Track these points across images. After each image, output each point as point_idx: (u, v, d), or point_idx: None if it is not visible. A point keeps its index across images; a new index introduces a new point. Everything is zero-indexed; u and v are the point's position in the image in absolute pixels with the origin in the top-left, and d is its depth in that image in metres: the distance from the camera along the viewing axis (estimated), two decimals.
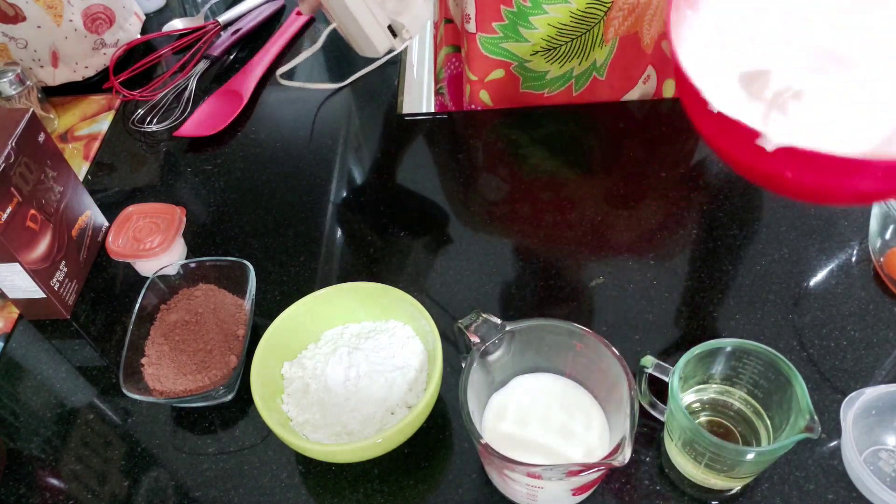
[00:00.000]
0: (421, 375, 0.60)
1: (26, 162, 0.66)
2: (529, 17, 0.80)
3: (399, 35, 0.75)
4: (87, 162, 0.89)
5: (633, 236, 0.73)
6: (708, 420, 0.57)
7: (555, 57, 0.84)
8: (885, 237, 0.65)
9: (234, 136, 0.89)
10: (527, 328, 0.55)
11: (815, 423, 0.48)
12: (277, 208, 0.81)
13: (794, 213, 0.73)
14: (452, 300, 0.70)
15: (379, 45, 0.74)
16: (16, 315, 0.73)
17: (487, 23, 0.82)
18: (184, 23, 1.07)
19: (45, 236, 0.69)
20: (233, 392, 0.64)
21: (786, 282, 0.68)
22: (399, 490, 0.58)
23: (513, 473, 0.50)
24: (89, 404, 0.66)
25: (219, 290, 0.70)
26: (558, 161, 0.82)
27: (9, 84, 0.86)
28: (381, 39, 0.74)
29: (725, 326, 0.65)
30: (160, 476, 0.61)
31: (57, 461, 0.62)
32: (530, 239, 0.74)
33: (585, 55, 0.83)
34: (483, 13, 0.82)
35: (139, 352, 0.65)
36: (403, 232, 0.76)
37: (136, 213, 0.74)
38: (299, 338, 0.63)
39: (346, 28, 0.74)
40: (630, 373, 0.51)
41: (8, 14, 0.90)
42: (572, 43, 0.82)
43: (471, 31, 0.84)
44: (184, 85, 0.96)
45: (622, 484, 0.56)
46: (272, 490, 0.59)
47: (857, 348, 0.62)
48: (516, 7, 0.80)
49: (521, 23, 0.81)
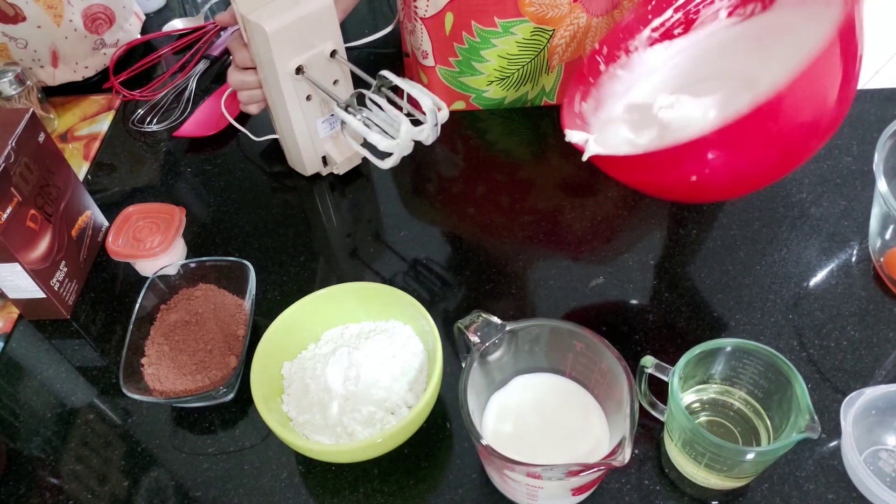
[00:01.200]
0: (421, 375, 0.60)
1: (26, 162, 0.66)
2: (480, 52, 0.83)
3: (329, 165, 0.81)
4: (87, 162, 0.89)
5: (632, 236, 0.73)
6: (708, 420, 0.57)
7: (509, 84, 0.87)
8: (885, 237, 0.65)
9: (234, 136, 0.89)
10: (527, 328, 0.55)
11: (815, 423, 0.48)
12: (277, 208, 0.81)
13: (794, 213, 0.73)
14: (452, 300, 0.70)
15: (309, 167, 0.81)
16: (16, 315, 0.73)
17: (444, 58, 0.85)
18: (184, 23, 1.07)
19: (45, 236, 0.69)
20: (233, 392, 0.64)
21: (786, 282, 0.68)
22: (399, 490, 0.58)
23: (513, 473, 0.50)
24: (89, 404, 0.66)
25: (219, 290, 0.70)
26: (557, 161, 0.82)
27: (9, 84, 0.86)
28: (312, 163, 0.80)
29: (725, 326, 0.65)
30: (160, 476, 0.60)
31: (57, 461, 0.62)
32: (530, 239, 0.74)
33: (535, 81, 0.87)
34: (439, 50, 0.85)
35: (139, 352, 0.65)
36: (403, 232, 0.76)
37: (136, 213, 0.74)
38: (299, 338, 0.63)
39: (284, 140, 0.80)
40: (630, 373, 0.51)
41: (8, 14, 0.90)
42: (522, 69, 0.85)
43: (429, 66, 0.87)
44: (184, 85, 0.96)
45: (622, 484, 0.56)
46: (272, 490, 0.59)
47: (857, 348, 0.62)
48: (467, 44, 0.83)
49: (474, 57, 0.84)
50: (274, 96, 0.74)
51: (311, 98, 0.74)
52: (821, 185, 0.75)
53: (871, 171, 0.62)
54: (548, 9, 0.78)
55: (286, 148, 0.81)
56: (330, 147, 0.79)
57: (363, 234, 0.77)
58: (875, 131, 0.78)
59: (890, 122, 0.64)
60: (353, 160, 0.81)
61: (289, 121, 0.75)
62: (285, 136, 0.79)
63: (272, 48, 0.68)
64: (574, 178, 0.79)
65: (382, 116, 0.68)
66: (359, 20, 1.04)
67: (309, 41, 0.70)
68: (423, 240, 0.76)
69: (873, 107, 0.82)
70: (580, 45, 0.84)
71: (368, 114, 0.69)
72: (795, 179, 0.76)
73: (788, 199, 0.74)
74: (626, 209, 0.75)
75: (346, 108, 0.69)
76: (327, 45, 0.72)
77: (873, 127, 0.80)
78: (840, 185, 0.75)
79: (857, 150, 0.78)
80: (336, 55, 0.72)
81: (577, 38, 0.83)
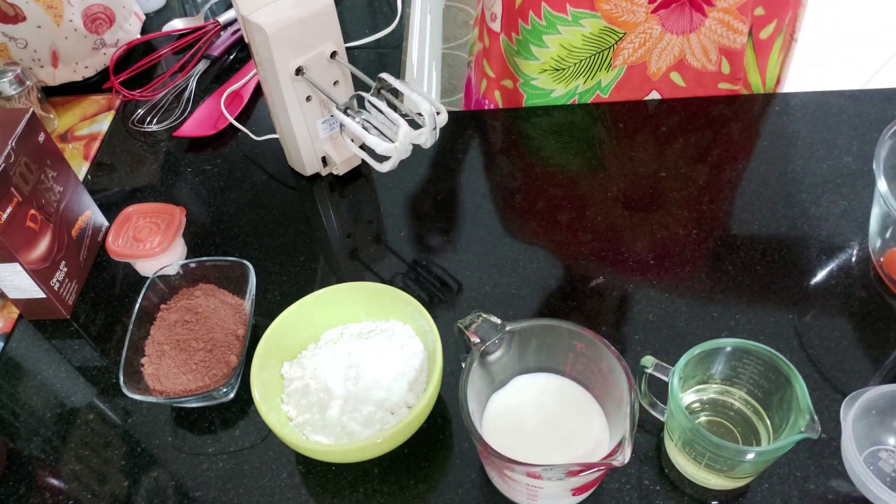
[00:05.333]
0: (421, 375, 0.60)
1: (26, 162, 0.66)
2: (543, 36, 0.81)
3: (328, 165, 0.81)
4: (87, 162, 0.89)
5: (632, 236, 0.73)
6: (708, 420, 0.57)
7: (561, 77, 0.86)
8: (885, 237, 0.65)
9: (234, 136, 0.89)
10: (527, 328, 0.55)
11: (815, 423, 0.48)
12: (277, 208, 0.81)
13: (794, 213, 0.73)
14: (452, 300, 0.70)
15: (308, 167, 0.81)
16: (16, 315, 0.73)
17: (509, 30, 0.84)
18: (184, 23, 1.07)
19: (45, 236, 0.69)
20: (233, 392, 0.64)
21: (786, 282, 0.68)
22: (399, 490, 0.58)
23: (513, 473, 0.50)
24: (89, 404, 0.66)
25: (219, 290, 0.70)
26: (557, 161, 0.82)
27: (9, 84, 0.86)
28: (311, 164, 0.80)
29: (725, 326, 0.65)
30: (160, 476, 0.61)
31: (57, 461, 0.62)
32: (530, 239, 0.74)
33: (591, 75, 0.85)
34: (507, 18, 0.83)
35: (139, 352, 0.65)
36: (403, 231, 0.76)
37: (136, 213, 0.74)
38: (299, 338, 0.63)
39: (284, 140, 0.80)
40: (630, 373, 0.51)
41: (8, 14, 0.90)
42: (580, 63, 0.83)
43: (495, 30, 0.85)
44: (184, 85, 0.96)
45: (622, 484, 0.56)
46: (272, 490, 0.59)
47: (857, 348, 0.62)
48: (531, 24, 0.81)
49: (534, 41, 0.82)
50: (274, 96, 0.74)
51: (310, 99, 0.74)
52: (821, 185, 0.75)
53: (871, 171, 0.62)
54: (623, 11, 0.77)
55: (286, 148, 0.81)
56: (329, 148, 0.79)
57: (363, 235, 0.77)
58: (875, 131, 0.78)
59: (890, 122, 0.64)
60: (352, 161, 0.81)
61: (289, 121, 0.75)
62: (285, 137, 0.79)
63: (272, 49, 0.68)
64: (574, 178, 0.79)
65: (381, 119, 0.68)
66: (359, 20, 1.04)
67: (309, 42, 0.70)
68: (423, 240, 0.76)
69: (873, 107, 0.82)
70: (648, 52, 0.82)
71: (367, 116, 0.69)
72: (795, 179, 0.76)
73: (788, 199, 0.74)
74: (626, 209, 0.75)
75: (345, 110, 0.70)
76: (328, 47, 0.72)
77: (873, 127, 0.80)
78: (840, 185, 0.75)
79: (857, 150, 0.78)
80: (336, 56, 0.72)
81: (647, 47, 0.82)
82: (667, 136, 0.82)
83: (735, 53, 0.82)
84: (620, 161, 0.80)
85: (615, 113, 0.85)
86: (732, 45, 0.81)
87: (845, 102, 0.83)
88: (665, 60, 0.83)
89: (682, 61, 0.83)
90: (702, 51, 0.82)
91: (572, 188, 0.78)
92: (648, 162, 0.80)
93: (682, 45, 0.82)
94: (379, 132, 0.68)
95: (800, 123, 0.82)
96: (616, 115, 0.85)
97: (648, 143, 0.82)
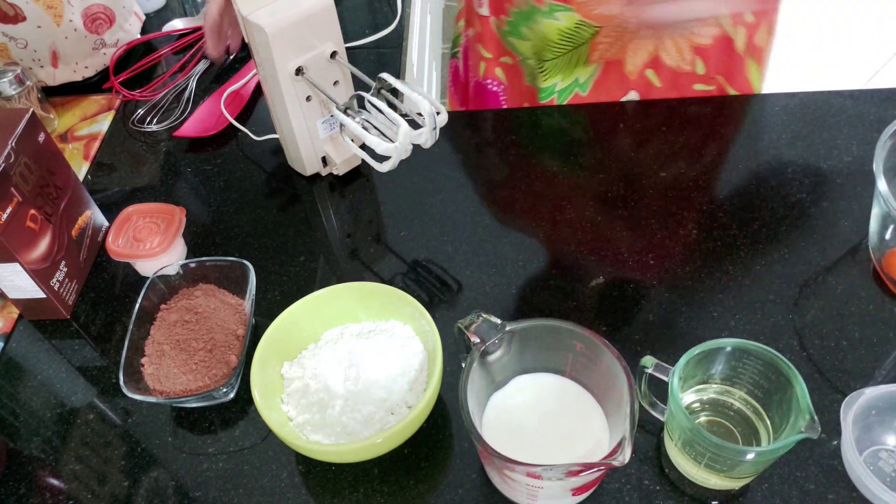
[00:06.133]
0: (421, 375, 0.60)
1: (26, 162, 0.66)
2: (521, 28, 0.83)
3: (328, 165, 0.82)
4: (87, 162, 0.89)
5: (632, 236, 0.73)
6: (708, 420, 0.57)
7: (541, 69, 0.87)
8: (885, 237, 0.65)
9: (234, 136, 0.89)
10: (527, 328, 0.55)
11: (815, 423, 0.48)
12: (277, 208, 0.81)
13: (794, 213, 0.73)
14: (452, 300, 0.70)
15: (308, 167, 0.81)
16: (16, 315, 0.73)
17: (497, 11, 0.85)
18: (184, 23, 1.07)
19: (45, 236, 0.69)
20: (233, 392, 0.64)
21: (786, 282, 0.68)
22: (399, 490, 0.58)
23: (513, 473, 0.50)
24: (89, 404, 0.66)
25: (219, 290, 0.70)
26: (557, 161, 0.82)
27: (9, 84, 0.86)
28: (311, 164, 0.81)
29: (725, 326, 0.65)
30: (160, 476, 0.61)
31: (57, 461, 0.62)
32: (530, 239, 0.74)
33: (569, 72, 0.86)
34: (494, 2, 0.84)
35: (139, 352, 0.65)
36: (403, 231, 0.76)
37: (136, 213, 0.74)
38: (299, 338, 0.63)
39: (284, 140, 0.80)
40: (630, 373, 0.51)
41: (8, 14, 0.90)
42: (558, 60, 0.85)
43: (483, 14, 0.86)
44: (184, 85, 0.96)
45: (622, 484, 0.56)
46: (272, 490, 0.59)
47: (857, 348, 0.62)
48: (516, 6, 0.82)
49: (524, 23, 0.83)
50: (274, 96, 0.74)
51: (310, 99, 0.74)
52: (821, 185, 0.75)
53: (871, 171, 0.62)
54: (597, 4, 0.78)
55: (286, 148, 0.81)
56: (329, 148, 0.79)
57: (363, 235, 0.77)
58: (875, 131, 0.78)
59: (890, 122, 0.64)
60: (352, 161, 0.81)
61: (288, 121, 0.75)
62: (285, 136, 0.79)
63: (272, 49, 0.68)
64: (575, 178, 0.79)
65: (381, 119, 0.68)
66: (359, 20, 1.04)
67: (309, 42, 0.70)
68: (423, 240, 0.76)
69: (873, 107, 0.82)
70: (623, 48, 0.83)
71: (367, 116, 0.69)
72: (796, 179, 0.76)
73: (788, 199, 0.74)
74: (626, 209, 0.75)
75: (345, 110, 0.69)
76: (327, 47, 0.72)
77: (873, 127, 0.80)
78: (840, 185, 0.75)
79: (857, 150, 0.78)
80: (336, 56, 0.72)
81: (623, 41, 0.82)
82: (667, 136, 0.82)
83: (708, 53, 0.83)
84: (619, 161, 0.80)
85: (615, 113, 0.85)
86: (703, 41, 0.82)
87: (845, 102, 0.83)
88: (640, 57, 0.84)
89: (657, 59, 0.84)
90: (675, 48, 0.82)
91: (573, 188, 0.78)
92: (648, 162, 0.80)
93: (655, 43, 0.82)
94: (379, 132, 0.68)
95: (800, 123, 0.82)
96: (616, 115, 0.85)
97: (645, 144, 0.82)
